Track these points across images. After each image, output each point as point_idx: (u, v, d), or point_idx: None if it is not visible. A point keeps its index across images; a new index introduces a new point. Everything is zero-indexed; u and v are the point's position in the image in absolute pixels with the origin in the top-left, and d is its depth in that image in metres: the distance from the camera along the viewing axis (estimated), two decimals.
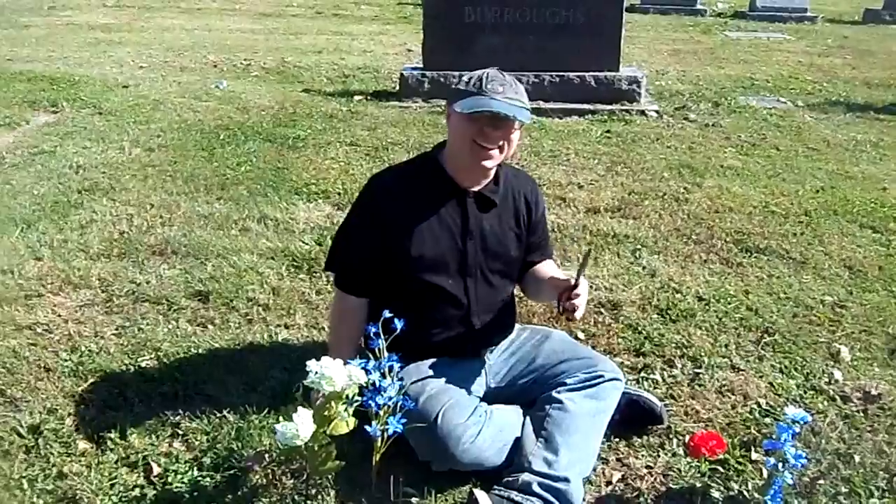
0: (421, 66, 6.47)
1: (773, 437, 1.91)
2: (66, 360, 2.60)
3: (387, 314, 1.96)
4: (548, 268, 2.42)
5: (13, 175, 4.39)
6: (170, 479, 2.07)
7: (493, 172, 2.18)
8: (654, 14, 12.81)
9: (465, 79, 2.09)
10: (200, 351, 2.69)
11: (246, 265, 3.31)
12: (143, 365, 2.60)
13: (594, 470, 2.12)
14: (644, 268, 3.43)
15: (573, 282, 2.08)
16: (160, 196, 4.09)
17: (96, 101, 6.05)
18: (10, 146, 4.96)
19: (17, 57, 7.99)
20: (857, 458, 2.21)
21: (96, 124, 5.46)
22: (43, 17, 10.92)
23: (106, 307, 2.98)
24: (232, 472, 2.09)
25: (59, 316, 2.90)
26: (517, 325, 2.45)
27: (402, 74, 6.46)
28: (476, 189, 2.18)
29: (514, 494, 1.92)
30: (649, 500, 2.06)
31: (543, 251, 2.43)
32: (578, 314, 2.08)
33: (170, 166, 4.58)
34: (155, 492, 2.03)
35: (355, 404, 1.88)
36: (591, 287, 3.19)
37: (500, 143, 2.06)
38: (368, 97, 6.57)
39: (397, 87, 6.54)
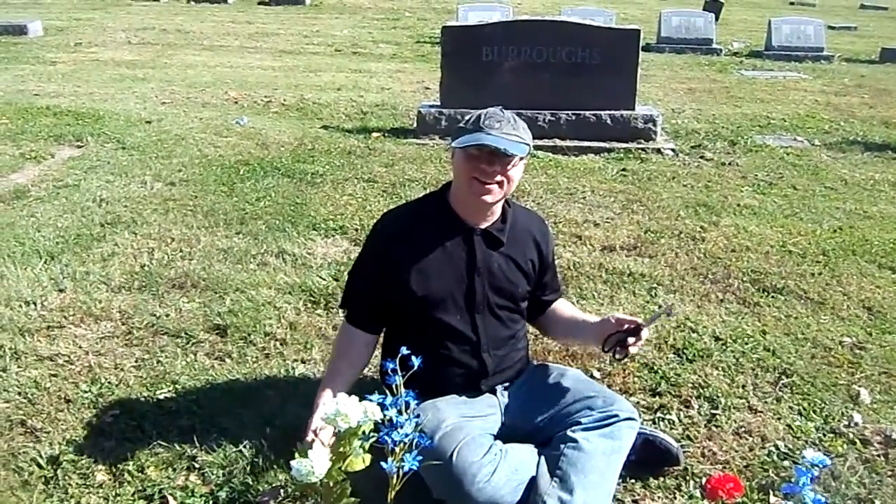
0: (438, 103, 6.55)
1: (792, 480, 1.87)
2: (86, 392, 2.63)
3: (404, 351, 1.97)
4: (568, 308, 2.47)
5: (38, 208, 4.48)
6: None
7: (497, 209, 2.22)
8: (670, 53, 12.91)
9: (466, 117, 2.15)
10: (218, 384, 2.71)
11: (264, 300, 3.34)
12: (161, 397, 2.62)
13: None
14: (660, 307, 3.43)
15: (642, 325, 2.16)
16: (181, 230, 4.15)
17: (120, 135, 6.17)
18: (35, 179, 5.07)
19: (43, 92, 8.18)
20: None
21: (119, 159, 5.56)
22: (69, 54, 11.17)
23: (126, 339, 3.02)
24: None
25: (80, 347, 2.93)
26: (532, 363, 2.45)
27: (419, 112, 6.55)
28: (483, 227, 2.21)
29: None
30: None
31: (556, 289, 2.49)
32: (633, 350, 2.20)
33: (190, 201, 4.65)
34: None
35: (371, 440, 1.88)
36: None
37: (499, 178, 2.09)
38: (386, 134, 6.65)
39: (415, 125, 6.62)
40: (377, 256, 2.23)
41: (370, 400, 1.86)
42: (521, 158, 2.12)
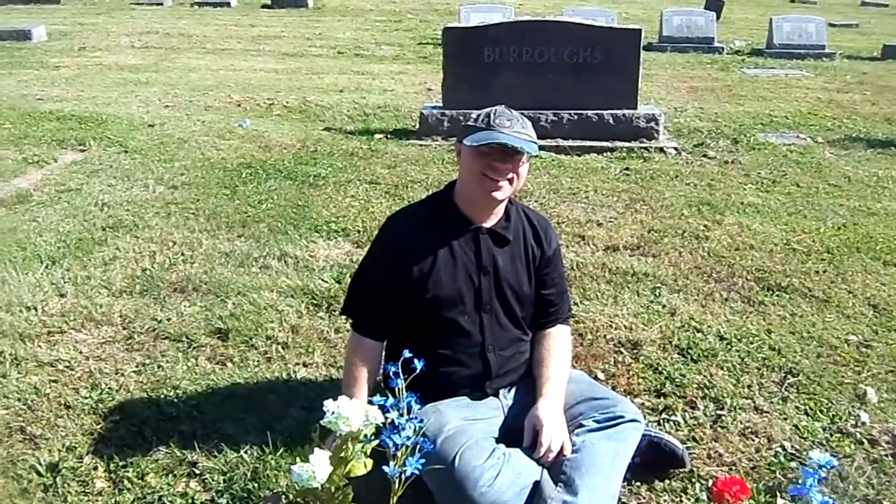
0: (440, 104, 6.54)
1: (799, 482, 1.86)
2: (86, 398, 2.62)
3: (407, 354, 1.95)
4: (558, 346, 2.33)
5: (39, 212, 4.47)
6: None
7: (502, 207, 2.22)
8: (672, 52, 12.85)
9: (473, 116, 2.16)
10: (219, 389, 2.70)
11: (265, 303, 3.32)
12: (161, 403, 2.61)
13: None
14: (664, 306, 3.41)
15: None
16: (182, 233, 4.14)
17: (122, 139, 6.17)
18: (37, 184, 5.06)
19: (47, 96, 8.18)
20: None
21: (122, 163, 5.56)
22: (73, 58, 11.18)
23: (127, 344, 3.00)
24: None
25: (81, 353, 2.92)
26: None
27: (421, 113, 6.53)
28: (489, 225, 2.21)
29: None
30: None
31: (559, 301, 2.36)
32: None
33: (192, 204, 4.64)
34: None
35: (373, 444, 1.87)
36: (610, 326, 3.19)
37: (510, 175, 2.11)
38: (388, 135, 6.64)
39: (417, 126, 6.60)
40: (386, 260, 2.21)
41: (372, 403, 1.85)
42: (530, 156, 2.13)
